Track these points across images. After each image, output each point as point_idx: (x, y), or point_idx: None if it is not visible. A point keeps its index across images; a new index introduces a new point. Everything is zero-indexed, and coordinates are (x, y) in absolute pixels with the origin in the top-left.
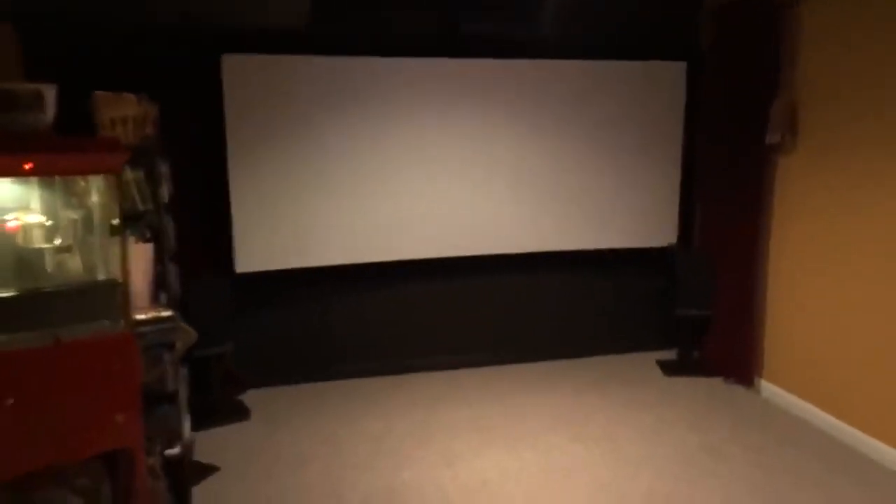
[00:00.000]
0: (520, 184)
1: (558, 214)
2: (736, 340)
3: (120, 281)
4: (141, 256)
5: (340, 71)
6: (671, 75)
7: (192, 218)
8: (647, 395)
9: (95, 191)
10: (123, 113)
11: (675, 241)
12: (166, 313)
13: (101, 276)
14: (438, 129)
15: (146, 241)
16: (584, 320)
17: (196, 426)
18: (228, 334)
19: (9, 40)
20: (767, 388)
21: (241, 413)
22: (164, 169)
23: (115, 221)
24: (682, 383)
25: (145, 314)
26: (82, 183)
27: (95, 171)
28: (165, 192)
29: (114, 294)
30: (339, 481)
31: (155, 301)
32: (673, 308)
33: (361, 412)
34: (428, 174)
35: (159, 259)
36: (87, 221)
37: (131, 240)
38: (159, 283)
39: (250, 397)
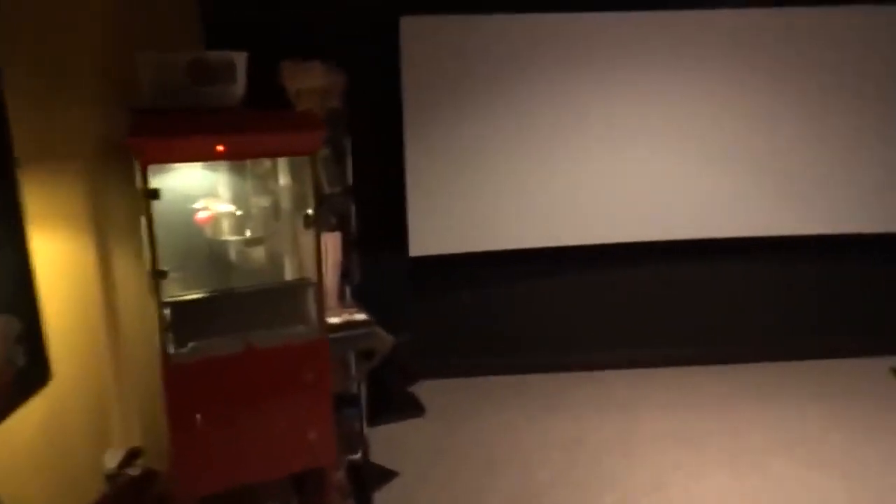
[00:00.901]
0: (730, 156)
1: (776, 191)
2: None
3: (314, 280)
4: (331, 248)
5: (525, 31)
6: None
7: (369, 197)
8: (891, 413)
9: (285, 173)
10: (311, 84)
11: None
12: (361, 316)
13: (292, 274)
14: (633, 96)
15: (332, 228)
16: (805, 317)
17: (369, 422)
18: (405, 323)
19: (189, 6)
20: None
21: (415, 408)
22: (348, 146)
23: (310, 211)
24: None
25: (338, 317)
26: (269, 164)
27: (294, 153)
28: (350, 172)
29: (308, 295)
30: (534, 497)
31: (342, 297)
32: None
33: (547, 413)
34: (620, 147)
35: (346, 249)
36: (276, 210)
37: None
38: (344, 273)
39: (423, 390)
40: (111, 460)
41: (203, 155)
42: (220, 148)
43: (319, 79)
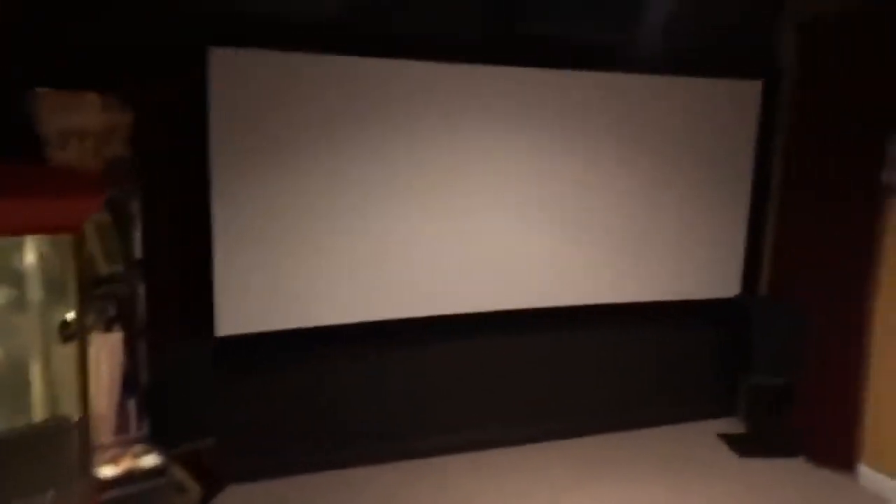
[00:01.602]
0: (561, 222)
1: (604, 260)
2: (830, 415)
3: (77, 419)
4: (107, 359)
5: (359, 75)
6: (742, 96)
7: (160, 268)
8: (724, 483)
9: (34, 250)
10: (83, 123)
11: (740, 292)
12: (151, 459)
13: (41, 409)
14: (474, 153)
15: (110, 324)
16: (631, 385)
17: None
18: (209, 422)
19: None
20: (870, 475)
21: None
22: (137, 207)
23: (70, 316)
24: (760, 466)
25: (117, 464)
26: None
27: (51, 228)
28: (138, 242)
29: (67, 441)
30: None
31: (123, 425)
32: (734, 370)
33: None
34: (457, 210)
35: (129, 347)
36: (18, 306)
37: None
38: (127, 383)
39: (232, 497)
40: None
41: None
42: None
43: (96, 117)
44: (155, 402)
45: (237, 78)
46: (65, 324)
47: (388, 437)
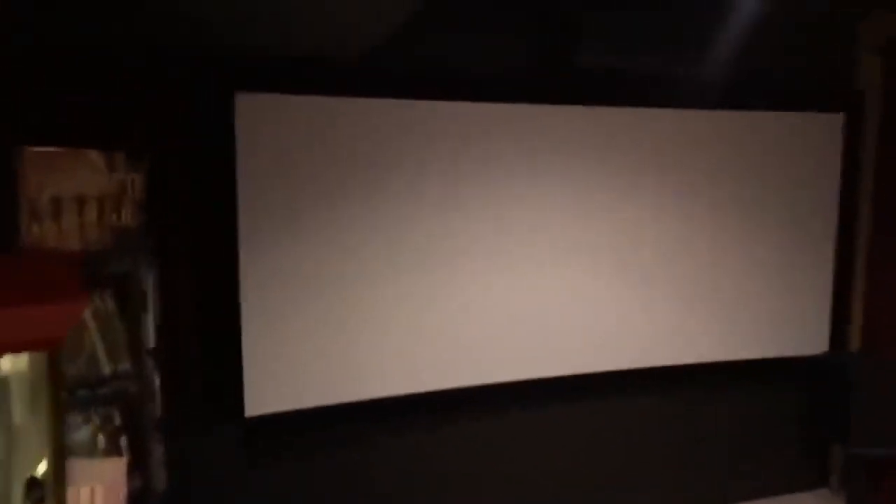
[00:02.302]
0: (624, 276)
1: (671, 316)
2: None
3: None
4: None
5: (404, 121)
6: (822, 130)
7: (182, 346)
8: None
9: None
10: (81, 186)
11: (828, 349)
12: None
13: None
14: (523, 201)
15: (114, 436)
16: (700, 459)
17: None
18: None
19: None
20: None
21: None
22: (150, 285)
23: (41, 471)
24: None
25: None
26: None
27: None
28: (151, 329)
29: None
30: None
31: None
32: (824, 438)
33: None
34: (508, 267)
35: (138, 458)
36: None
37: (77, 462)
38: None
39: None
40: None
41: None
42: None
43: (98, 178)
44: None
45: (267, 127)
46: (33, 482)
47: None
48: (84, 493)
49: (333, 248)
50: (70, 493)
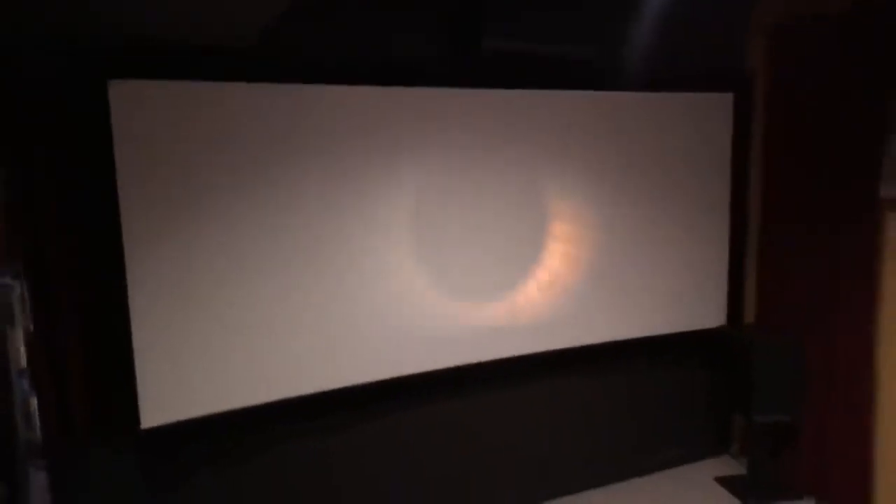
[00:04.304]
0: (534, 259)
1: (575, 297)
2: (840, 453)
3: None
4: None
5: (303, 106)
6: (713, 110)
7: (63, 349)
8: None
9: None
10: None
11: (724, 323)
12: None
13: None
14: (437, 187)
15: None
16: (615, 432)
17: None
18: None
19: None
20: None
21: None
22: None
23: None
24: None
25: None
26: None
27: None
28: (21, 346)
29: None
30: None
31: None
32: (725, 407)
33: None
34: (423, 251)
35: (15, 500)
36: None
37: None
38: None
39: None
40: None
41: None
42: None
43: None
44: None
45: (145, 116)
46: None
47: None
48: None
49: (224, 244)
50: None
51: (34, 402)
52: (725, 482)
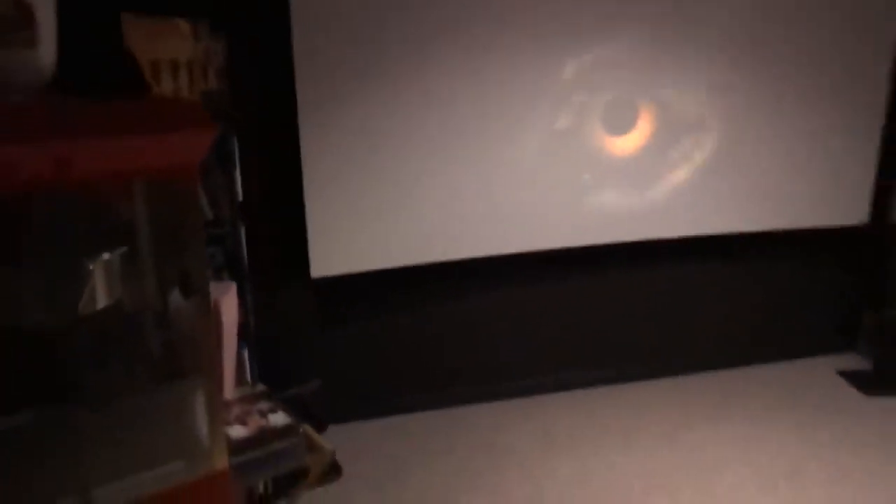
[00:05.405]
0: (658, 144)
1: (708, 188)
2: None
3: (203, 377)
4: (227, 313)
5: None
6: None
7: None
8: (853, 423)
9: (141, 198)
10: (173, 53)
11: (867, 220)
12: (279, 419)
13: (162, 370)
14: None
15: (219, 272)
16: (739, 320)
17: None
18: (311, 366)
19: None
20: None
21: (328, 470)
22: (234, 146)
23: (193, 267)
24: (891, 405)
25: (244, 424)
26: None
27: (165, 169)
28: (239, 184)
29: (193, 403)
30: None
31: (242, 380)
32: (858, 304)
33: (490, 463)
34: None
35: (241, 299)
36: (132, 262)
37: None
38: (241, 333)
39: (335, 438)
40: None
41: None
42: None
43: (187, 46)
44: (263, 349)
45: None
46: (185, 276)
47: (489, 377)
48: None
49: (396, 115)
50: None
51: (243, 232)
52: (848, 375)
